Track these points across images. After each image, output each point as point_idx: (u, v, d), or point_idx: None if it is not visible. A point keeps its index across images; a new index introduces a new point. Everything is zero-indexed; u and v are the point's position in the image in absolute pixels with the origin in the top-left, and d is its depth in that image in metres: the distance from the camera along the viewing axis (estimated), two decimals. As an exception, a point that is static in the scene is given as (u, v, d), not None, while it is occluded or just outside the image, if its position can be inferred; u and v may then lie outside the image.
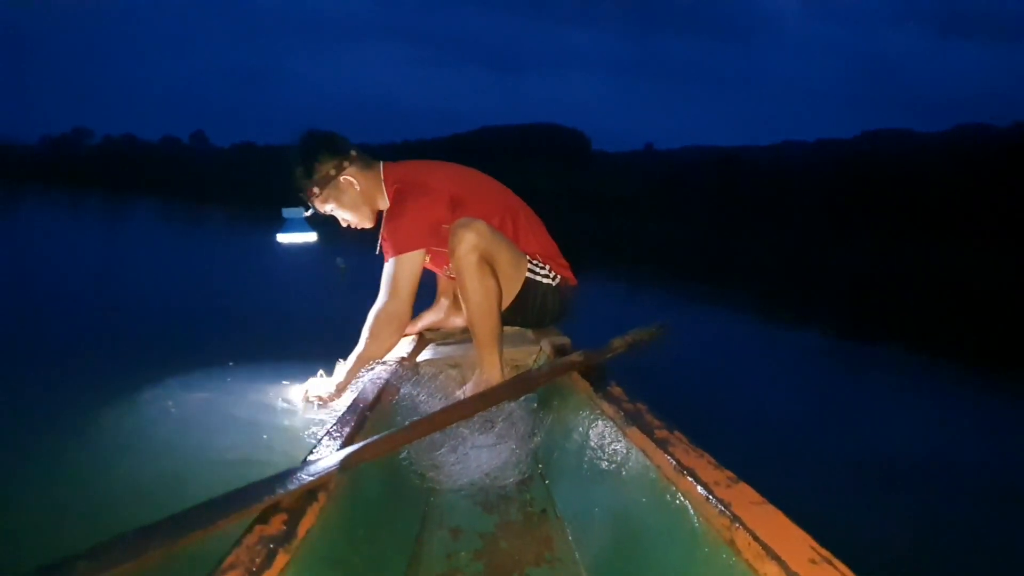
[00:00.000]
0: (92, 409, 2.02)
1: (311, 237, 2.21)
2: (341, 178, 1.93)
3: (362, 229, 2.05)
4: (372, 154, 2.02)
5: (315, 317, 3.98)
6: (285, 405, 1.91)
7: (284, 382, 2.01)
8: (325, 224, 2.11)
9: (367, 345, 1.83)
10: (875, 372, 5.03)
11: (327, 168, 1.92)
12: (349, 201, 1.96)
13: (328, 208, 1.99)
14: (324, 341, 2.13)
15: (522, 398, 1.63)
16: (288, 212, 2.14)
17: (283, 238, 2.20)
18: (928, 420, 3.69)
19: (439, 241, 1.83)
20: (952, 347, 6.16)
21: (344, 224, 2.05)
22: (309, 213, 2.04)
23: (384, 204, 1.98)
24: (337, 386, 1.82)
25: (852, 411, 3.72)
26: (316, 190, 1.94)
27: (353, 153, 1.95)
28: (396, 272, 1.84)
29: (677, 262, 14.64)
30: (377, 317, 1.84)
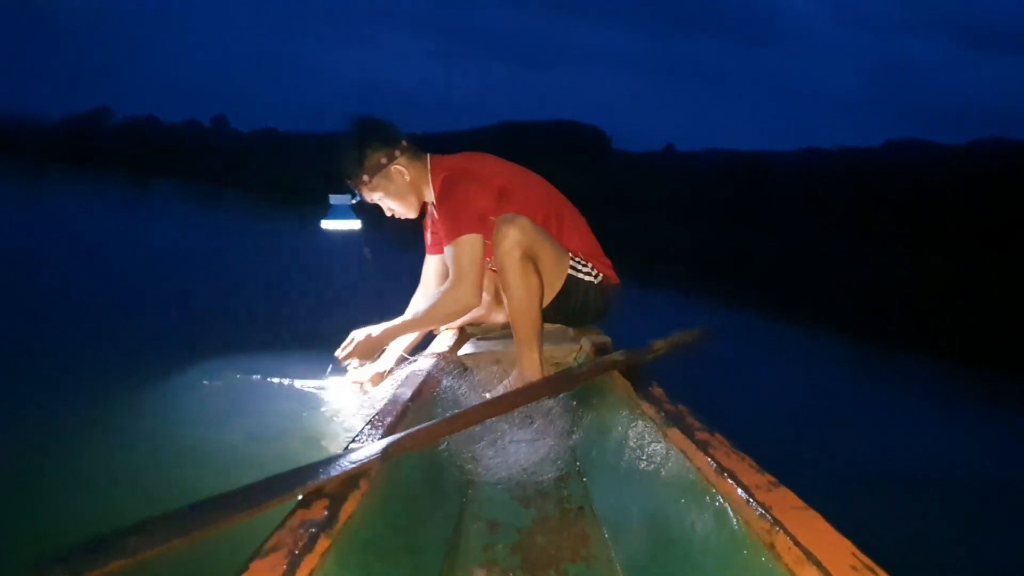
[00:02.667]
0: (129, 395, 2.05)
1: (355, 225, 2.18)
2: (392, 167, 1.92)
3: (406, 220, 2.05)
4: (419, 145, 2.01)
5: (345, 302, 3.98)
6: (325, 391, 1.94)
7: (320, 370, 2.01)
8: (368, 212, 2.09)
9: (424, 314, 1.84)
10: (897, 380, 4.94)
11: (379, 156, 1.92)
12: (397, 190, 1.95)
13: (376, 197, 1.98)
14: (351, 323, 2.10)
15: (561, 395, 1.64)
16: (335, 199, 2.11)
17: (328, 224, 2.16)
18: (950, 429, 3.62)
19: (486, 232, 1.81)
20: (977, 357, 6.06)
21: (389, 214, 2.04)
22: (356, 201, 2.03)
23: (430, 196, 1.98)
24: (379, 338, 1.84)
25: (871, 419, 3.61)
26: (366, 178, 1.93)
27: (404, 143, 1.96)
28: (457, 256, 1.80)
29: (696, 264, 14.41)
30: (443, 296, 1.82)
